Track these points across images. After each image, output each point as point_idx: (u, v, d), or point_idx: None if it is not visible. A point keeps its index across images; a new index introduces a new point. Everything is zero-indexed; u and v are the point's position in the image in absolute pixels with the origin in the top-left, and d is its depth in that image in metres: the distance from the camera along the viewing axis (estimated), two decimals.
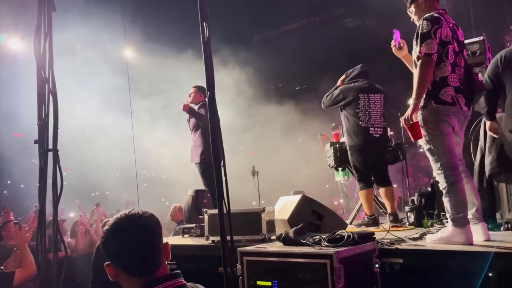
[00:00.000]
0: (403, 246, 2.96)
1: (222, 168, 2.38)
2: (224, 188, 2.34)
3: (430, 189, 4.71)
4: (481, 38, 4.76)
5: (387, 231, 3.28)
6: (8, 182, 14.47)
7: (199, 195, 5.21)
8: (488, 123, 3.80)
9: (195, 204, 5.11)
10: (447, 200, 3.00)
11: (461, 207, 2.96)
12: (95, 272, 3.60)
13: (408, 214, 4.53)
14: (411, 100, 3.09)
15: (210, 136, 2.39)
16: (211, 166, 2.38)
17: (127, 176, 10.71)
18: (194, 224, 4.56)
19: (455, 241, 2.91)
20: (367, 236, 2.87)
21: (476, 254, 2.66)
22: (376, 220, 4.70)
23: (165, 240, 1.56)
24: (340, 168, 5.67)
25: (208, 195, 5.22)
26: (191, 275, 1.74)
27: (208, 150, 5.25)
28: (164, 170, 13.27)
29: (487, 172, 3.94)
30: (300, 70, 14.48)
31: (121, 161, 11.11)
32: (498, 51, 3.89)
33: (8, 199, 12.38)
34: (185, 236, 4.55)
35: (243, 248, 2.95)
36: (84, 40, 10.50)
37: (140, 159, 10.05)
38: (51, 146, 2.09)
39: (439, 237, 3.02)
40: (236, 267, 2.74)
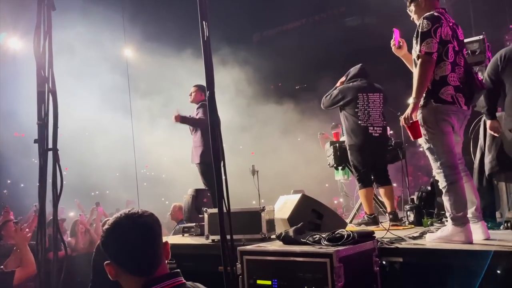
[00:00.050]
0: (403, 245, 2.97)
1: (222, 167, 2.38)
2: (224, 187, 2.33)
3: (429, 188, 4.71)
4: (480, 37, 4.76)
5: (387, 230, 3.28)
6: (8, 182, 14.47)
7: (199, 194, 5.21)
8: (488, 122, 3.80)
9: (195, 203, 5.11)
10: (447, 199, 3.01)
11: (460, 206, 2.96)
12: (95, 271, 3.60)
13: (408, 213, 4.53)
14: (411, 99, 3.09)
15: (210, 136, 2.39)
16: (211, 166, 2.38)
17: (127, 176, 10.71)
18: (194, 223, 4.57)
19: (455, 240, 2.91)
20: (367, 235, 2.87)
21: (475, 253, 2.67)
22: (376, 219, 4.71)
23: (165, 239, 1.57)
24: (339, 167, 5.67)
25: (208, 194, 5.22)
26: (191, 274, 1.74)
27: (208, 150, 5.29)
28: (164, 170, 13.27)
29: (486, 171, 3.94)
30: (300, 69, 14.47)
31: (121, 160, 11.11)
32: (498, 50, 3.88)
33: (8, 199, 12.37)
34: (185, 235, 4.56)
35: (243, 247, 2.95)
36: (83, 39, 10.50)
37: (140, 159, 10.05)
38: (51, 146, 2.08)
39: (438, 236, 3.02)
40: (236, 266, 2.75)
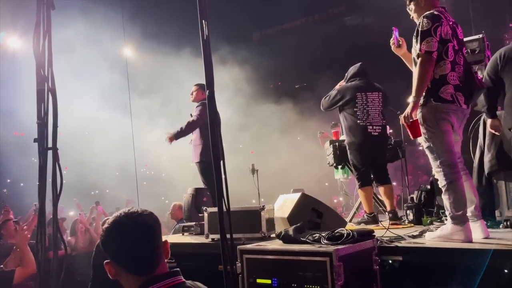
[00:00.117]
0: (402, 244, 2.97)
1: (222, 166, 2.38)
2: (224, 186, 2.33)
3: (429, 187, 4.71)
4: (480, 35, 4.76)
5: (386, 229, 3.28)
6: (8, 181, 14.47)
7: (199, 193, 5.20)
8: (489, 121, 3.79)
9: (195, 202, 5.10)
10: (446, 198, 3.01)
11: (460, 204, 2.96)
12: (95, 270, 3.60)
13: (408, 212, 4.53)
14: (410, 98, 3.09)
15: (209, 135, 2.39)
16: (211, 165, 2.38)
17: (127, 175, 10.72)
18: (194, 222, 4.57)
19: (455, 238, 2.91)
20: (367, 234, 2.88)
21: (475, 252, 2.67)
22: (375, 218, 4.71)
23: (164, 238, 1.57)
24: (339, 166, 5.68)
25: (208, 193, 5.22)
26: (191, 273, 1.74)
27: (208, 149, 5.32)
28: (164, 169, 13.27)
29: (486, 170, 3.94)
30: (299, 68, 14.46)
31: (120, 159, 11.11)
32: (498, 49, 3.88)
33: (8, 198, 12.37)
34: (185, 234, 4.56)
35: (243, 246, 2.95)
36: (83, 38, 10.48)
37: (140, 158, 10.06)
38: (50, 145, 2.08)
39: (438, 234, 3.02)
40: (236, 265, 2.75)
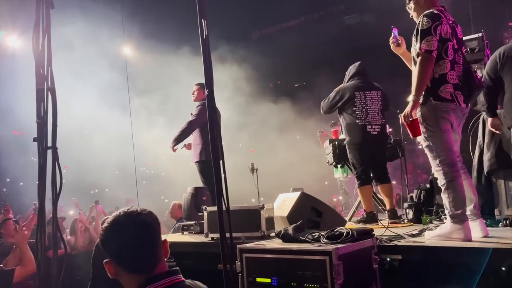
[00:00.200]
0: (402, 243, 2.97)
1: (221, 165, 2.38)
2: (224, 186, 2.33)
3: (429, 185, 4.71)
4: (479, 34, 4.77)
5: (386, 228, 3.28)
6: (7, 180, 14.48)
7: (198, 192, 5.21)
8: (489, 120, 3.79)
9: (195, 201, 5.11)
10: (446, 197, 3.01)
11: (459, 203, 2.96)
12: (94, 269, 3.60)
13: (407, 210, 4.54)
14: (410, 97, 3.09)
15: (208, 134, 2.39)
16: (210, 165, 2.38)
17: (126, 174, 10.72)
18: (194, 221, 4.57)
19: (454, 237, 2.91)
20: (366, 233, 2.88)
21: (474, 251, 2.67)
22: (375, 216, 4.71)
23: (164, 237, 1.57)
24: (339, 165, 5.68)
25: (208, 192, 5.23)
26: (191, 272, 1.75)
27: (207, 148, 5.34)
28: (163, 168, 13.28)
29: (485, 169, 3.95)
30: (299, 67, 14.47)
31: (119, 158, 11.11)
32: (497, 48, 3.88)
33: (7, 197, 12.38)
34: (184, 233, 4.57)
35: (242, 245, 2.95)
36: (82, 37, 10.48)
37: (139, 157, 10.06)
38: (50, 144, 2.08)
39: (437, 233, 3.02)
40: (236, 264, 2.75)
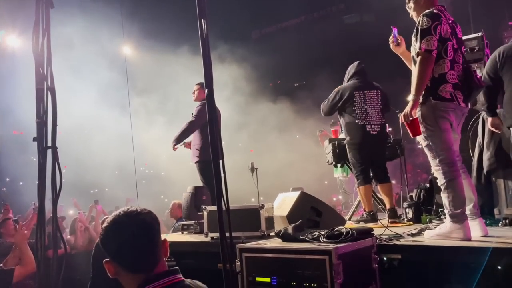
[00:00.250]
0: (401, 242, 2.97)
1: (221, 165, 2.38)
2: (223, 185, 2.33)
3: (428, 185, 4.72)
4: (479, 34, 4.77)
5: (385, 227, 3.29)
6: (7, 180, 14.48)
7: (198, 192, 5.20)
8: (489, 119, 3.79)
9: (194, 201, 5.11)
10: (446, 196, 3.01)
11: (459, 203, 2.97)
12: (94, 269, 3.60)
13: (407, 210, 4.54)
14: (410, 97, 3.09)
15: (208, 133, 2.38)
16: (210, 164, 2.38)
17: (126, 173, 10.72)
18: (193, 221, 4.57)
19: (453, 237, 2.92)
20: (366, 232, 2.88)
21: (474, 250, 2.68)
22: (374, 216, 4.72)
23: (163, 237, 1.57)
24: (338, 165, 5.68)
25: (207, 192, 5.23)
26: (191, 272, 1.75)
27: (207, 148, 5.33)
28: (163, 167, 13.28)
29: (485, 168, 3.95)
30: (298, 66, 14.47)
31: (119, 158, 11.10)
32: (497, 47, 3.88)
33: (7, 196, 12.38)
34: (184, 232, 4.57)
35: (242, 245, 2.95)
36: (81, 36, 10.47)
37: (139, 156, 10.06)
38: (50, 144, 2.07)
39: (437, 233, 3.03)
40: (235, 263, 2.76)
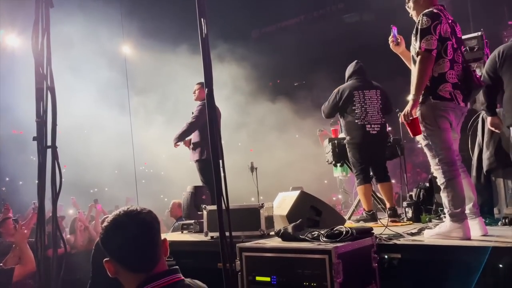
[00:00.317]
0: (401, 241, 2.97)
1: (221, 164, 2.38)
2: (223, 185, 2.33)
3: (428, 184, 4.72)
4: (479, 33, 4.77)
5: (385, 227, 3.29)
6: (7, 179, 14.47)
7: (198, 191, 5.20)
8: (489, 119, 3.80)
9: (194, 200, 5.11)
10: (445, 195, 3.01)
11: (459, 202, 2.97)
12: (94, 268, 3.60)
13: (406, 209, 4.55)
14: (410, 96, 3.09)
15: (208, 133, 2.38)
16: (209, 164, 2.38)
17: (126, 173, 10.72)
18: (193, 220, 4.57)
19: (453, 236, 2.92)
20: (366, 232, 2.88)
21: (474, 249, 2.68)
22: (374, 215, 4.72)
23: (163, 236, 1.57)
24: (338, 164, 5.68)
25: (207, 191, 5.23)
26: (190, 271, 1.75)
27: (207, 147, 5.34)
28: (163, 167, 13.27)
29: (484, 168, 3.95)
30: (298, 66, 14.46)
31: (119, 157, 11.10)
32: (496, 46, 3.89)
33: (6, 196, 12.37)
34: (184, 232, 4.57)
35: (242, 244, 2.95)
36: (81, 35, 10.47)
37: (138, 156, 10.06)
38: (49, 143, 2.07)
39: (437, 232, 3.03)
40: (235, 263, 2.76)
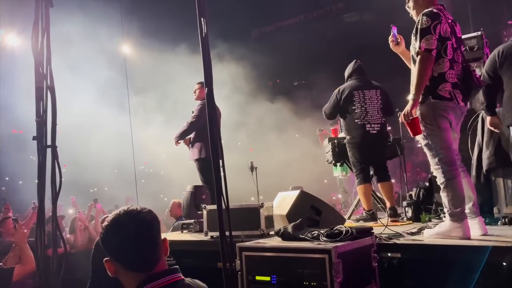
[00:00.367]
0: (401, 241, 2.97)
1: (221, 164, 2.38)
2: (223, 184, 2.33)
3: (428, 184, 4.72)
4: (479, 33, 4.77)
5: (385, 226, 3.29)
6: (6, 179, 14.47)
7: (198, 191, 5.21)
8: (488, 118, 3.80)
9: (194, 199, 5.11)
10: (445, 195, 3.01)
11: (458, 201, 2.97)
12: (94, 268, 3.60)
13: (406, 209, 4.55)
14: (410, 96, 3.09)
15: (208, 132, 2.38)
16: (209, 163, 2.38)
17: (125, 172, 10.72)
18: (193, 220, 4.57)
19: (453, 235, 2.92)
20: (366, 231, 2.88)
21: (473, 249, 2.68)
22: (374, 215, 4.72)
23: (164, 235, 1.57)
24: (338, 164, 5.68)
25: (207, 191, 5.23)
26: (190, 271, 1.75)
27: (206, 147, 5.34)
28: (163, 166, 13.27)
29: (484, 167, 3.95)
30: (298, 66, 14.46)
31: (118, 157, 11.10)
32: (496, 45, 3.89)
33: (6, 195, 12.38)
34: (184, 231, 4.57)
35: (242, 244, 2.95)
36: (80, 34, 10.47)
37: (138, 155, 10.06)
38: (49, 143, 2.07)
39: (436, 231, 3.03)
40: (235, 262, 2.76)
